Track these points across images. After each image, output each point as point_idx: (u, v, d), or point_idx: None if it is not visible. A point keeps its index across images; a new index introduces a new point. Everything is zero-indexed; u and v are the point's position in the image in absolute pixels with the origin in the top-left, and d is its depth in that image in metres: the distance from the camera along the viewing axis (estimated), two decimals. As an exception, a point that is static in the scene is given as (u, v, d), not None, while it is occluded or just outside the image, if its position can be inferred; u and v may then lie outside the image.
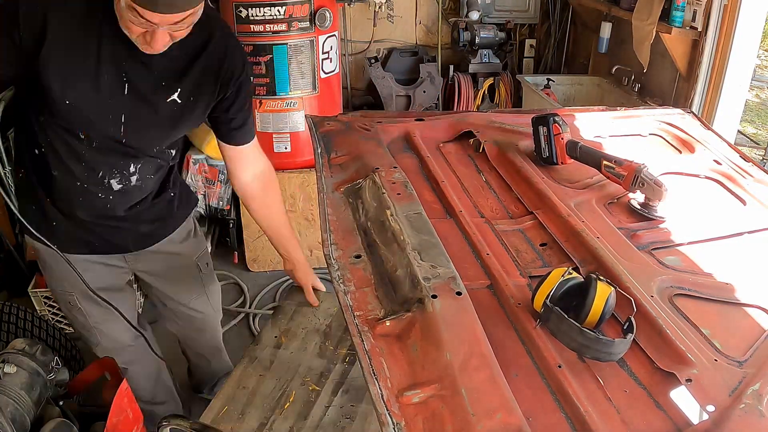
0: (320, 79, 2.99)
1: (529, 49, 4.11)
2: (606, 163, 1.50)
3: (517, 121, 1.82)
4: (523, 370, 1.01)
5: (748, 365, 1.02)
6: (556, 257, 1.30)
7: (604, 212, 1.44)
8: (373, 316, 1.04)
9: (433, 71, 3.89)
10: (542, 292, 1.07)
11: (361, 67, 4.04)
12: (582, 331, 1.00)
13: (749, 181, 1.59)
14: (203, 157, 2.99)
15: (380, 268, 1.15)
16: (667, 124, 1.89)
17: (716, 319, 1.14)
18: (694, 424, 0.92)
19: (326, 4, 2.87)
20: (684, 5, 2.61)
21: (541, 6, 4.01)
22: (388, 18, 3.90)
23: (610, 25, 3.34)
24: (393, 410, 0.87)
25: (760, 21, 2.49)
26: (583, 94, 3.61)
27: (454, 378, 0.89)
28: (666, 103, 2.80)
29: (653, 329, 1.06)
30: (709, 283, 1.23)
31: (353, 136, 1.65)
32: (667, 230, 1.38)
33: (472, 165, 1.68)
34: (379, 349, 0.97)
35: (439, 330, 0.96)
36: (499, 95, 3.94)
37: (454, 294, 1.04)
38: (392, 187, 1.36)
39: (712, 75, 2.58)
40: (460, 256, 1.24)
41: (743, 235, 1.40)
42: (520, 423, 0.83)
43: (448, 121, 1.83)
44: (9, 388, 1.39)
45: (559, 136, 1.58)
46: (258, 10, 2.77)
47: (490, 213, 1.46)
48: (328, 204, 1.37)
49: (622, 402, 0.96)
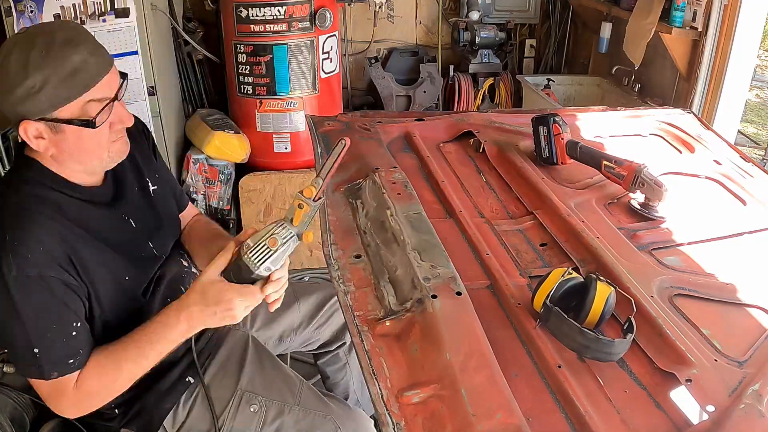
0: (320, 79, 2.99)
1: (529, 49, 4.11)
2: (606, 163, 1.50)
3: (517, 121, 1.82)
4: (523, 370, 1.01)
5: (748, 365, 1.02)
6: (556, 257, 1.30)
7: (604, 212, 1.44)
8: (372, 316, 1.04)
9: (433, 71, 3.89)
10: (542, 292, 1.07)
11: (361, 67, 4.03)
12: (582, 331, 1.00)
13: (749, 181, 1.59)
14: (203, 157, 2.99)
15: (380, 268, 1.15)
16: (668, 124, 1.89)
17: (716, 319, 1.14)
18: (694, 424, 0.92)
19: (326, 4, 2.87)
20: (684, 5, 2.61)
21: (542, 6, 4.01)
22: (388, 18, 3.89)
23: (611, 25, 3.34)
24: (393, 410, 0.87)
25: (760, 21, 2.49)
26: (583, 94, 3.60)
27: (454, 378, 0.89)
28: (666, 103, 2.79)
29: (653, 329, 1.06)
30: (709, 283, 1.23)
31: (353, 136, 1.65)
32: (667, 230, 1.38)
33: (472, 165, 1.68)
34: (378, 349, 0.97)
35: (439, 330, 0.96)
36: (499, 95, 3.93)
37: (454, 294, 1.04)
38: (392, 187, 1.36)
39: (712, 75, 2.58)
40: (460, 256, 1.24)
41: (743, 235, 1.40)
42: (519, 423, 0.83)
43: (448, 121, 1.83)
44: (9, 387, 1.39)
45: (559, 136, 1.58)
46: (258, 10, 2.77)
47: (490, 213, 1.46)
48: (328, 204, 1.37)
49: (622, 402, 0.96)
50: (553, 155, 1.59)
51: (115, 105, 1.12)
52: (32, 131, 1.08)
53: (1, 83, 1.05)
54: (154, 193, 1.35)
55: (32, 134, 1.08)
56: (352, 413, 1.44)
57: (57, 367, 1.09)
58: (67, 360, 1.10)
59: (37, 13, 2.48)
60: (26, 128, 1.08)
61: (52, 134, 1.09)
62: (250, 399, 1.37)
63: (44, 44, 1.04)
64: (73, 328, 1.11)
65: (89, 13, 2.53)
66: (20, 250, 1.05)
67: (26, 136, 1.08)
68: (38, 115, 1.06)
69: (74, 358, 1.11)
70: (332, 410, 1.40)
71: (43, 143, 1.10)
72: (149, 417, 1.32)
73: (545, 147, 1.60)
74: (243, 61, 2.89)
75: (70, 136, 1.09)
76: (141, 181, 1.33)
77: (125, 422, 1.31)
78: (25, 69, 1.02)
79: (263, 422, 1.36)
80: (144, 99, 2.67)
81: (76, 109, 1.07)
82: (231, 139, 2.91)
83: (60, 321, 1.10)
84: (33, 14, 2.49)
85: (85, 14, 2.53)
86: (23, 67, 1.02)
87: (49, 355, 1.09)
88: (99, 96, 1.08)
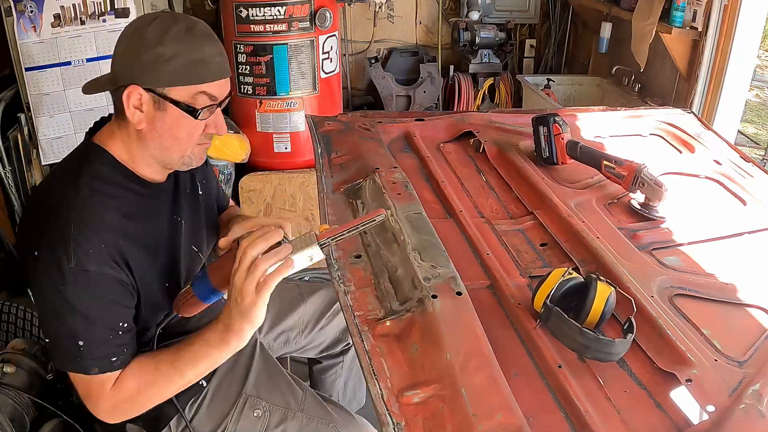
0: (320, 79, 2.99)
1: (529, 49, 4.11)
2: (606, 163, 1.50)
3: (517, 121, 1.82)
4: (523, 370, 1.01)
5: (748, 365, 1.02)
6: (557, 257, 1.30)
7: (604, 212, 1.44)
8: (373, 316, 1.04)
9: (433, 71, 3.89)
10: (542, 292, 1.07)
11: (361, 67, 4.04)
12: (582, 332, 1.00)
13: (749, 181, 1.59)
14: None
15: (380, 268, 1.15)
16: (668, 124, 1.89)
17: (716, 319, 1.14)
18: (694, 424, 0.92)
19: (326, 4, 2.87)
20: (684, 5, 2.61)
21: (541, 6, 4.01)
22: (388, 18, 3.89)
23: (610, 25, 3.34)
24: (393, 410, 0.87)
25: (760, 21, 2.49)
26: (583, 94, 3.60)
27: (455, 378, 0.89)
28: (666, 103, 2.80)
29: (653, 329, 1.06)
30: (710, 283, 1.23)
31: (353, 136, 1.65)
32: (668, 230, 1.38)
33: (473, 165, 1.68)
34: (379, 349, 0.97)
35: (440, 330, 0.96)
36: (499, 95, 3.94)
37: (454, 294, 1.04)
38: (392, 187, 1.36)
39: (712, 75, 2.58)
40: (461, 256, 1.24)
41: (743, 235, 1.40)
42: (520, 423, 0.83)
43: (449, 121, 1.83)
44: (9, 388, 1.39)
45: (560, 136, 1.58)
46: (258, 10, 2.77)
47: (491, 213, 1.46)
48: (329, 204, 1.37)
49: (622, 402, 0.96)
50: (553, 155, 1.59)
51: (217, 111, 1.15)
52: (135, 99, 1.09)
53: (131, 45, 1.08)
54: (201, 198, 1.37)
55: (133, 102, 1.09)
56: (354, 421, 1.45)
57: (99, 362, 1.08)
58: (110, 357, 1.09)
59: (37, 13, 2.49)
60: (131, 93, 1.08)
61: (153, 109, 1.10)
62: (254, 404, 1.37)
63: (186, 26, 1.08)
64: (120, 327, 1.10)
65: (89, 13, 2.53)
66: (83, 244, 1.06)
67: (126, 102, 1.09)
68: (151, 84, 1.08)
69: (118, 356, 1.10)
70: (334, 418, 1.40)
71: (138, 115, 1.10)
72: (157, 415, 1.31)
73: (545, 147, 1.60)
74: (243, 61, 2.89)
75: (168, 118, 1.10)
76: (193, 186, 1.35)
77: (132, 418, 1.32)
78: (161, 38, 1.05)
79: (267, 427, 1.36)
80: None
81: (187, 94, 1.09)
82: (231, 139, 2.91)
83: (109, 317, 1.09)
84: (33, 14, 2.49)
85: (85, 14, 2.53)
86: (160, 36, 1.05)
87: (93, 349, 1.08)
88: (211, 93, 1.11)
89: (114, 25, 2.56)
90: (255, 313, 1.05)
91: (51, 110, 2.62)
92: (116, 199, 1.13)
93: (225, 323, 1.08)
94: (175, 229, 1.25)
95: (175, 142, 1.14)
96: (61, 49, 2.54)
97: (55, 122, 2.64)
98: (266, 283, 1.03)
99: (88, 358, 1.08)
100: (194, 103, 1.10)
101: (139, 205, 1.18)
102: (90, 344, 1.08)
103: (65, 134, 2.67)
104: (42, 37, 2.52)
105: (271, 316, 1.64)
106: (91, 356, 1.08)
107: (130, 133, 1.14)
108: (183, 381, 1.14)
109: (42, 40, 2.52)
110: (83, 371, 1.08)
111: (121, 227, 1.11)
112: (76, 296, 1.06)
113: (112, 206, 1.12)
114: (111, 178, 1.14)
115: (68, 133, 2.67)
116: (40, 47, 2.53)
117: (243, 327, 1.07)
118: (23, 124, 2.71)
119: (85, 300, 1.06)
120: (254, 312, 1.05)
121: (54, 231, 1.07)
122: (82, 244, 1.05)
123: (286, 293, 1.69)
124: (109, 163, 1.15)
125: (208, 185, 1.41)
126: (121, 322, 1.11)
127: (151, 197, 1.20)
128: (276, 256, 1.03)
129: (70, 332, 1.07)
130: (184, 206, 1.29)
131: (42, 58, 2.54)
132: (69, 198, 1.10)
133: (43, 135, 2.64)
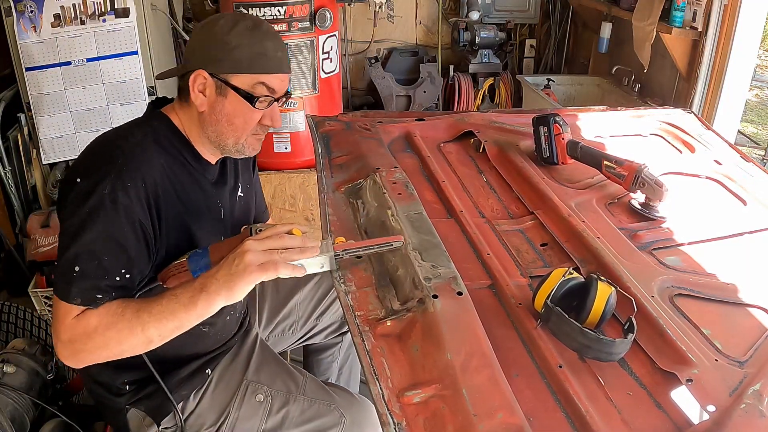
0: (320, 79, 2.99)
1: (529, 49, 4.11)
2: (607, 163, 1.50)
3: (517, 121, 1.82)
4: (524, 370, 1.01)
5: (748, 365, 1.02)
6: (557, 257, 1.30)
7: (604, 212, 1.44)
8: (373, 316, 1.04)
9: (433, 71, 3.89)
10: (543, 292, 1.07)
11: (361, 67, 4.04)
12: (583, 331, 1.00)
13: (749, 181, 1.59)
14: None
15: (381, 268, 1.15)
16: (668, 124, 1.89)
17: (717, 319, 1.14)
18: (694, 424, 0.92)
19: (326, 4, 2.87)
20: (684, 5, 2.62)
21: (541, 6, 4.01)
22: (388, 18, 3.89)
23: (610, 25, 3.34)
24: (394, 410, 0.86)
25: (760, 21, 2.49)
26: (583, 94, 3.61)
27: (455, 378, 0.89)
28: (666, 103, 2.80)
29: (654, 329, 1.06)
30: (710, 283, 1.23)
31: (354, 136, 1.65)
32: (668, 230, 1.38)
33: (473, 165, 1.68)
34: (380, 349, 0.97)
35: (440, 330, 0.96)
36: (499, 95, 3.94)
37: (455, 294, 1.04)
38: (393, 187, 1.36)
39: (712, 75, 2.58)
40: (461, 256, 1.24)
41: (744, 235, 1.40)
42: (521, 423, 0.83)
43: (449, 121, 1.83)
44: (9, 388, 1.39)
45: (560, 136, 1.58)
46: (258, 10, 2.77)
47: (491, 213, 1.46)
48: (329, 204, 1.37)
49: (622, 402, 0.96)
50: (553, 155, 1.59)
51: (275, 105, 1.24)
52: (200, 83, 1.19)
53: (202, 36, 1.21)
54: (239, 199, 1.41)
55: (198, 86, 1.19)
56: (356, 402, 1.46)
57: (84, 294, 1.07)
58: (96, 294, 1.08)
59: (37, 13, 2.49)
60: (196, 77, 1.19)
61: (215, 94, 1.20)
62: (256, 389, 1.39)
63: (253, 23, 1.20)
64: (121, 273, 1.10)
65: (89, 13, 2.53)
66: (124, 176, 1.10)
67: (192, 85, 1.19)
68: (216, 70, 1.18)
69: (104, 296, 1.08)
70: (336, 399, 1.42)
71: (201, 98, 1.20)
72: (161, 401, 1.31)
73: (546, 147, 1.60)
74: (243, 61, 2.89)
75: (228, 103, 1.19)
76: (235, 182, 1.40)
77: (134, 401, 1.31)
78: (230, 30, 1.17)
79: (269, 412, 1.37)
80: (144, 99, 2.67)
81: (248, 83, 1.19)
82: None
83: (115, 257, 1.09)
84: (33, 14, 2.49)
85: (85, 14, 2.53)
86: (229, 29, 1.17)
87: (85, 280, 1.07)
88: (270, 85, 1.20)
89: (114, 25, 2.55)
90: (238, 285, 1.02)
91: (51, 110, 2.62)
92: (168, 155, 1.20)
93: (202, 282, 1.05)
94: (211, 209, 1.30)
95: (231, 127, 1.21)
96: (61, 49, 2.54)
97: (55, 122, 2.64)
98: (272, 265, 1.02)
99: (76, 286, 1.07)
100: (253, 91, 1.19)
101: (186, 171, 1.24)
102: (83, 273, 1.07)
103: (65, 134, 2.67)
104: (42, 37, 2.52)
105: (269, 307, 1.67)
106: (78, 285, 1.07)
107: (192, 115, 1.23)
108: (143, 336, 1.06)
109: (42, 40, 2.52)
110: (66, 299, 1.07)
111: (166, 175, 1.17)
112: (96, 220, 1.07)
113: (163, 157, 1.18)
114: (169, 138, 1.22)
115: (68, 132, 2.67)
116: (40, 47, 2.53)
117: (219, 292, 1.03)
118: (23, 124, 2.72)
119: (102, 227, 1.08)
120: (238, 283, 1.02)
121: (101, 160, 1.12)
122: (123, 176, 1.09)
123: (283, 283, 1.70)
124: (171, 128, 1.23)
125: (250, 190, 1.47)
126: (124, 269, 1.11)
127: (198, 171, 1.27)
128: (300, 253, 1.05)
129: (71, 256, 1.08)
130: (222, 196, 1.34)
131: (42, 58, 2.54)
132: (125, 138, 1.17)
133: (43, 135, 2.65)
